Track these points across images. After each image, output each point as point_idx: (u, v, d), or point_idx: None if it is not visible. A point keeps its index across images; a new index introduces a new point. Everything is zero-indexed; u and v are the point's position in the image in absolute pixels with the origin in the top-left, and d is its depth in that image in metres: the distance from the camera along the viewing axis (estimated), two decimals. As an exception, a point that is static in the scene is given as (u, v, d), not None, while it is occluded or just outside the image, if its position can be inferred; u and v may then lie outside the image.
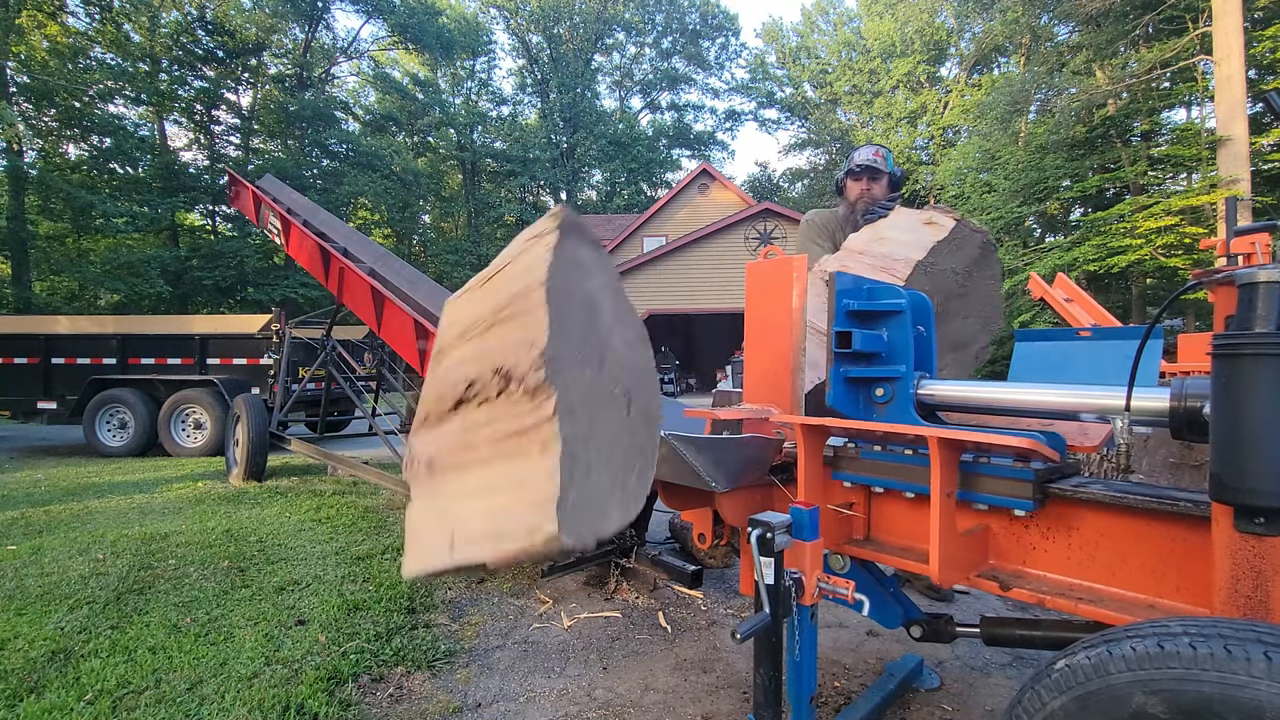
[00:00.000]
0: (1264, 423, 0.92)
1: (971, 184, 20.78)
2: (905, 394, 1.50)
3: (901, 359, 1.51)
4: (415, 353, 3.82)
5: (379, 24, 30.53)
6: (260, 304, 21.76)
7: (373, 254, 5.23)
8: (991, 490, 1.37)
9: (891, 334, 1.54)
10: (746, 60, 41.56)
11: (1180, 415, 1.18)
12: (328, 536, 3.79)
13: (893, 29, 31.57)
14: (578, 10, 37.05)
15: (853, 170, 2.81)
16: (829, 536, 1.56)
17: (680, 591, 2.99)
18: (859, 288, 1.58)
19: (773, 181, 41.15)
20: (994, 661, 2.32)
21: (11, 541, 3.71)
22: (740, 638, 1.24)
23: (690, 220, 21.36)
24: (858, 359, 1.56)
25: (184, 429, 7.17)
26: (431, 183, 32.02)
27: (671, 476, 1.52)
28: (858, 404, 1.58)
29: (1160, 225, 14.64)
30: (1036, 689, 0.97)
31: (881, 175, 2.80)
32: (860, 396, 1.59)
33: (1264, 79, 15.36)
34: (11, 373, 7.43)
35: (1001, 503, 1.36)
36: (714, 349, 21.55)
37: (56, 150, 20.86)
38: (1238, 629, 0.84)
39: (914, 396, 1.51)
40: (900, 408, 1.51)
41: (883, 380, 1.54)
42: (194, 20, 23.25)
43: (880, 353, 1.55)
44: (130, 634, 2.44)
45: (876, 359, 1.56)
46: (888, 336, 1.54)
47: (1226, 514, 1.01)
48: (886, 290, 1.58)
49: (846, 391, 1.55)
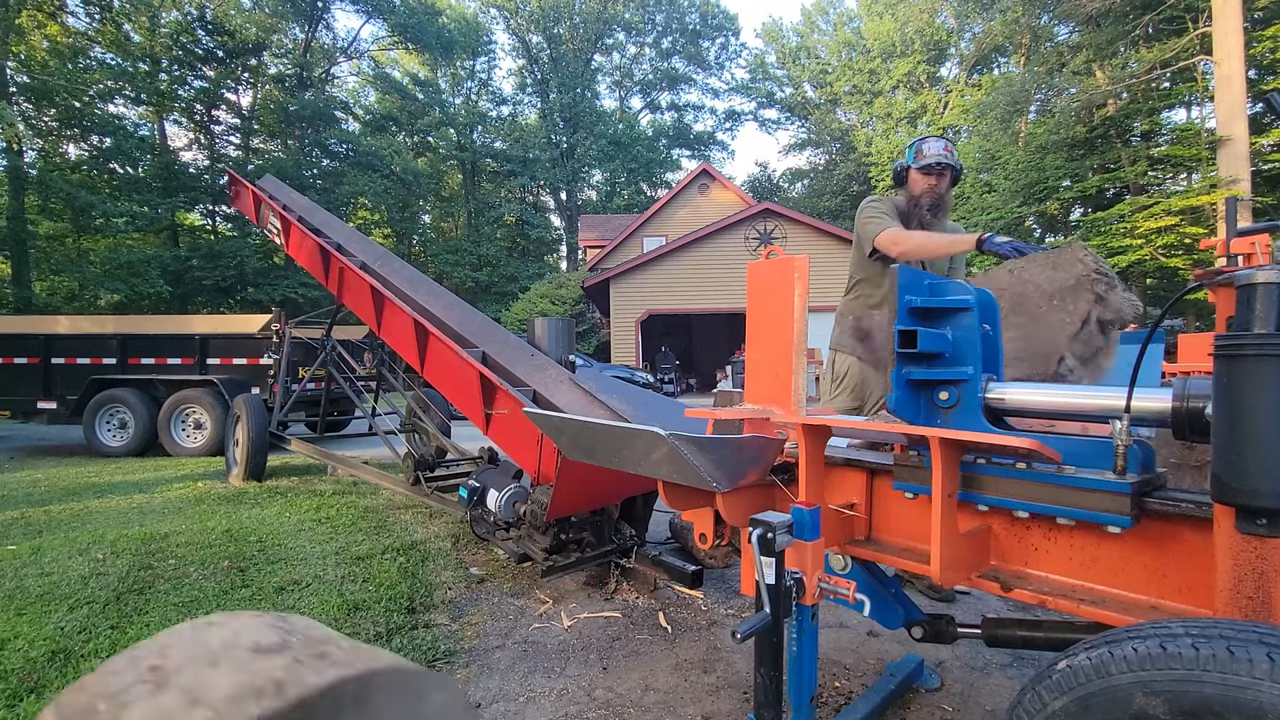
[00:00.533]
0: (1265, 423, 0.92)
1: (971, 184, 20.79)
2: (973, 398, 1.40)
3: (968, 360, 1.41)
4: (415, 353, 3.82)
5: (379, 24, 30.56)
6: (260, 304, 21.78)
7: (373, 254, 5.23)
8: (1078, 504, 1.25)
9: (957, 333, 1.43)
10: (746, 60, 41.66)
11: (1182, 416, 1.18)
12: (328, 536, 3.79)
13: (893, 29, 31.58)
14: (578, 10, 37.06)
15: (927, 166, 2.65)
16: (830, 536, 1.56)
17: (680, 591, 2.99)
18: (921, 282, 1.47)
19: (773, 181, 41.20)
20: (994, 662, 2.32)
21: (11, 541, 3.71)
22: (741, 638, 1.24)
23: (690, 220, 21.38)
24: (919, 360, 1.45)
25: (184, 429, 7.16)
26: (431, 183, 32.05)
27: (672, 476, 1.52)
28: (918, 409, 1.47)
29: (1160, 225, 14.65)
30: (1037, 690, 0.97)
31: (948, 170, 2.67)
32: (922, 401, 1.48)
33: (1264, 79, 15.37)
34: (11, 373, 7.43)
35: (1090, 517, 1.24)
36: (714, 349, 21.56)
37: (56, 150, 20.88)
38: (1239, 630, 0.84)
39: (982, 400, 1.41)
40: (967, 413, 1.40)
41: (947, 383, 1.43)
42: (194, 20, 23.26)
43: (944, 353, 1.44)
44: (130, 634, 2.43)
45: (940, 360, 1.45)
46: (953, 335, 1.43)
47: (1228, 515, 1.01)
48: (951, 285, 1.48)
49: (909, 395, 1.45)
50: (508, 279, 30.26)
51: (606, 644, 2.49)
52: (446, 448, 4.90)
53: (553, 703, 2.07)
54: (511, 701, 2.07)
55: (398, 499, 4.77)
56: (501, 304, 25.89)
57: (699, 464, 1.37)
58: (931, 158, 2.66)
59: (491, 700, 2.08)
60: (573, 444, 1.75)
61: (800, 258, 1.75)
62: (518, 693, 2.13)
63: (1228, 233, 4.77)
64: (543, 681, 2.20)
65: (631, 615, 2.76)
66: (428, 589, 3.01)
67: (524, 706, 2.05)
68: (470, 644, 2.49)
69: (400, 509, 4.53)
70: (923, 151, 2.70)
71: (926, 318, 1.46)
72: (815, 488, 1.55)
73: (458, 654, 2.40)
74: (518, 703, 2.07)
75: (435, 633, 2.56)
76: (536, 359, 3.89)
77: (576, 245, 29.22)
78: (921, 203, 2.69)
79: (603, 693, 2.13)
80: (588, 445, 1.66)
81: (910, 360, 1.45)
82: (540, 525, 2.84)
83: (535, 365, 3.84)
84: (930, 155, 2.67)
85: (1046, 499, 1.30)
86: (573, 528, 2.97)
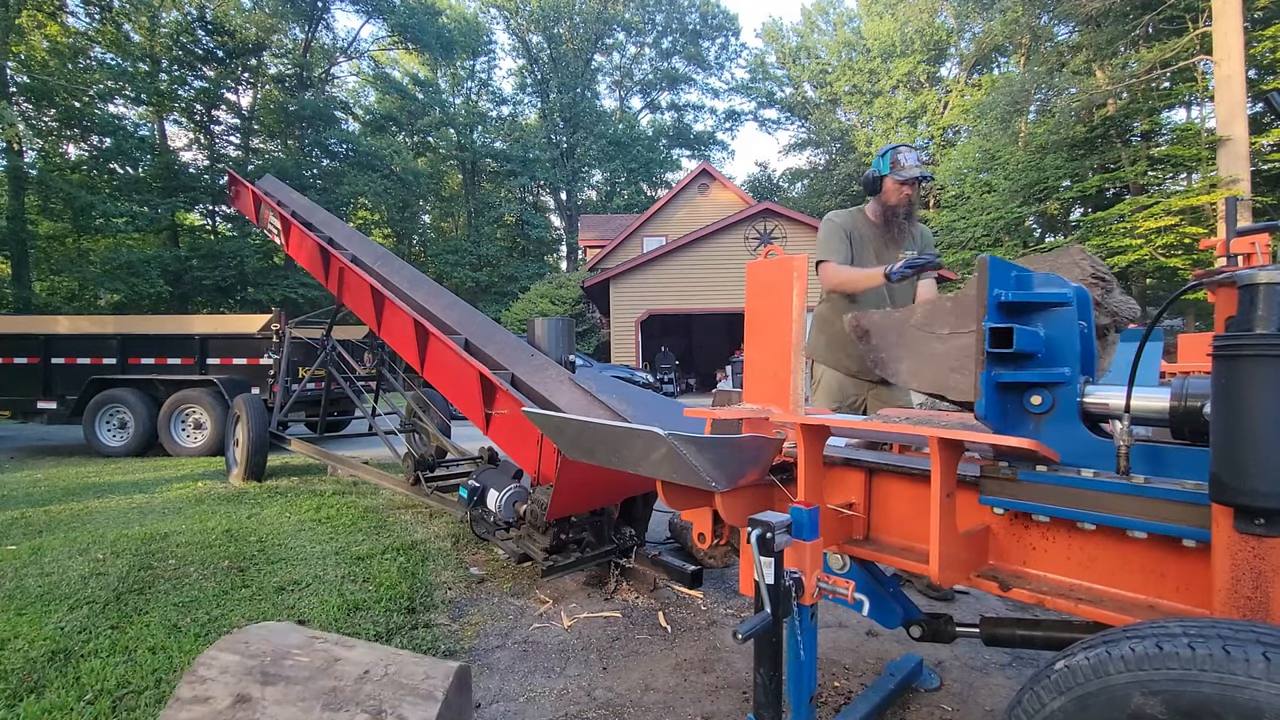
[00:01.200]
0: (1264, 424, 0.92)
1: (971, 184, 20.81)
2: (1070, 402, 1.28)
3: (1065, 360, 1.29)
4: (415, 353, 3.82)
5: (379, 24, 30.55)
6: (260, 304, 21.79)
7: (373, 254, 5.23)
8: (1152, 516, 1.16)
9: (1051, 330, 1.31)
10: (746, 60, 41.65)
11: (1181, 416, 1.18)
12: (328, 536, 3.79)
13: (893, 29, 31.58)
14: (578, 10, 37.05)
15: (907, 179, 2.66)
16: (829, 536, 1.56)
17: (680, 591, 2.99)
18: (1008, 274, 1.35)
19: (773, 181, 41.17)
20: (993, 661, 2.32)
21: (11, 541, 3.71)
22: (742, 638, 1.24)
23: (690, 220, 21.38)
24: (1008, 361, 1.33)
25: (184, 429, 7.17)
26: (431, 183, 32.04)
27: (671, 476, 1.51)
28: (1005, 414, 1.35)
29: (1160, 225, 14.66)
30: (1036, 690, 0.98)
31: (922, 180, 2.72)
32: (1010, 406, 1.35)
33: (1264, 79, 15.36)
34: (11, 373, 7.43)
35: (1169, 531, 1.13)
36: (714, 349, 21.56)
37: (56, 150, 20.88)
38: (1237, 629, 0.84)
39: (1080, 405, 1.29)
40: (1064, 418, 1.29)
41: (1040, 386, 1.32)
42: (194, 20, 23.26)
43: (1037, 353, 1.32)
44: (130, 634, 2.44)
45: (1033, 360, 1.33)
46: (1046, 333, 1.32)
47: (1226, 515, 1.01)
48: (1043, 277, 1.36)
49: (997, 400, 1.32)
50: (508, 279, 30.27)
51: (606, 644, 2.49)
52: (446, 448, 4.90)
53: (553, 703, 2.07)
54: (511, 701, 2.08)
55: (398, 499, 4.78)
56: (501, 304, 25.90)
57: (698, 464, 1.37)
58: (912, 171, 2.66)
59: (491, 700, 2.08)
60: (573, 444, 1.75)
61: (799, 257, 1.75)
62: (518, 692, 2.13)
63: (1227, 232, 4.77)
64: (543, 681, 2.21)
65: (631, 615, 2.76)
66: (428, 589, 3.01)
67: (524, 706, 2.05)
68: (470, 644, 2.49)
69: (400, 509, 4.54)
70: (900, 163, 2.68)
71: (1016, 313, 1.34)
72: (814, 487, 1.55)
73: (458, 654, 2.40)
74: (518, 703, 2.07)
75: (435, 633, 2.56)
76: (536, 359, 3.90)
77: (576, 245, 29.23)
78: (898, 211, 2.74)
79: (603, 692, 2.13)
80: (587, 445, 1.66)
81: (1000, 362, 1.32)
82: (540, 525, 2.84)
83: (535, 365, 3.85)
84: (909, 169, 2.66)
85: (1115, 510, 1.18)
86: (573, 528, 2.97)
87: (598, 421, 1.56)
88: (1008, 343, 1.27)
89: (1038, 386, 1.32)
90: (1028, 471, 1.30)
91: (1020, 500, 1.30)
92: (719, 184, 23.30)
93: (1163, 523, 1.14)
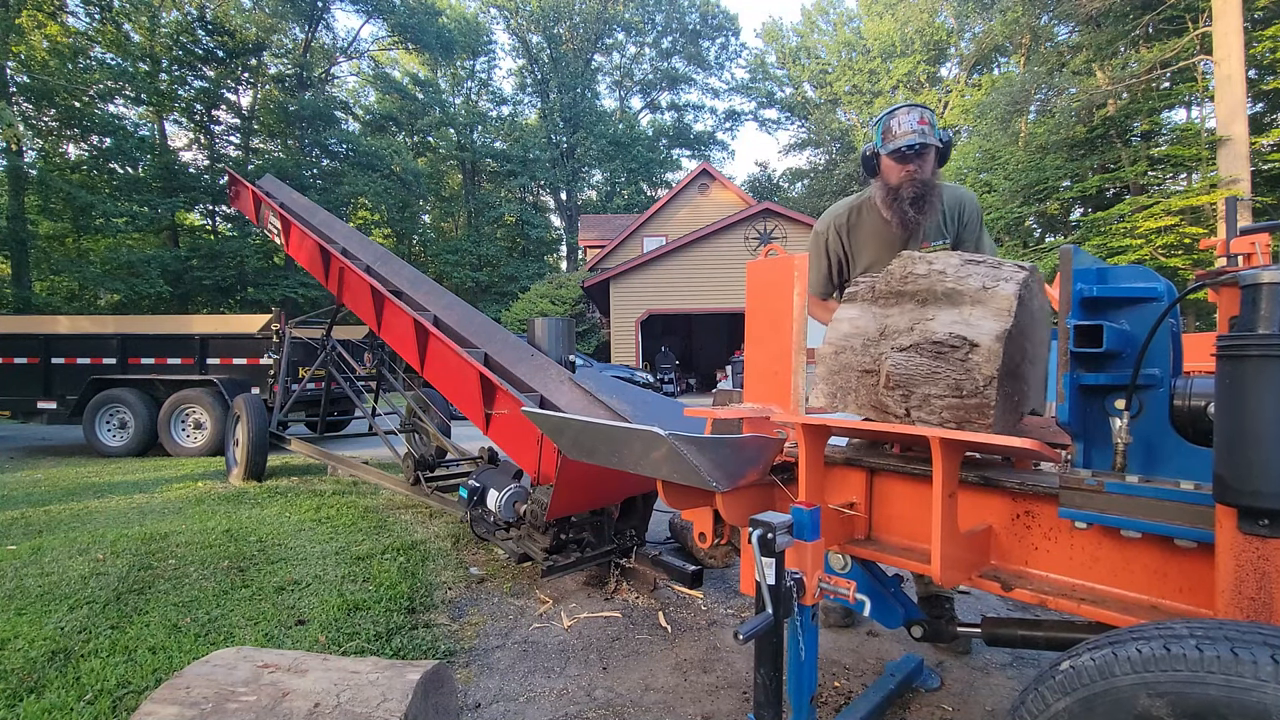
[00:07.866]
0: (1268, 424, 0.92)
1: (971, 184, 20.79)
2: (1161, 406, 1.18)
3: (1156, 360, 1.18)
4: (415, 352, 3.82)
5: (379, 24, 30.56)
6: (260, 304, 21.81)
7: (373, 254, 5.22)
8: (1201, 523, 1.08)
9: (1138, 328, 1.20)
10: (746, 60, 41.70)
11: (1184, 416, 1.18)
12: (328, 536, 3.79)
13: (893, 29, 31.60)
14: (578, 10, 37.05)
15: (899, 152, 2.03)
16: (830, 536, 1.55)
17: (680, 591, 2.99)
18: (1091, 267, 1.25)
19: (773, 181, 41.18)
20: (994, 661, 2.32)
21: (11, 541, 3.70)
22: (744, 639, 1.24)
23: (690, 220, 21.38)
24: (1093, 362, 1.23)
25: (184, 429, 7.16)
26: (431, 183, 32.03)
27: (671, 476, 1.51)
28: (1087, 420, 1.25)
29: (1160, 225, 14.64)
30: (1040, 690, 0.97)
31: (929, 149, 2.05)
32: (1094, 410, 1.24)
33: (1264, 79, 15.36)
34: (11, 373, 7.42)
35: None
36: (714, 349, 21.57)
37: (56, 150, 20.88)
38: (1244, 631, 0.84)
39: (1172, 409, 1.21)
40: (1154, 423, 1.19)
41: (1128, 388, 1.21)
42: (194, 20, 23.26)
43: (1124, 352, 1.22)
44: (130, 634, 2.43)
45: (1119, 360, 1.23)
46: (1133, 331, 1.22)
47: (1230, 516, 1.01)
48: (1128, 271, 1.25)
49: (1080, 404, 1.23)
50: (508, 279, 30.27)
51: (606, 644, 2.49)
52: (446, 448, 4.89)
53: (553, 703, 2.07)
54: (511, 701, 2.07)
55: (398, 499, 4.77)
56: (501, 304, 25.90)
57: (698, 463, 1.36)
58: (902, 139, 2.00)
59: (491, 700, 2.08)
60: (573, 444, 1.74)
61: (800, 257, 1.74)
62: (518, 693, 2.13)
63: (1228, 232, 4.76)
64: (543, 681, 2.20)
65: (631, 615, 2.76)
66: (428, 589, 3.00)
67: (524, 706, 2.04)
68: (470, 644, 2.49)
69: (400, 509, 4.53)
70: (891, 130, 2.04)
71: (1100, 309, 1.24)
72: (815, 487, 1.54)
73: (458, 654, 2.40)
74: (518, 703, 2.06)
75: (435, 632, 2.55)
76: (536, 359, 3.89)
77: (576, 245, 29.23)
78: (902, 195, 2.08)
79: (603, 692, 2.13)
80: (588, 445, 1.66)
81: (1084, 362, 1.22)
82: (540, 525, 2.84)
83: (535, 365, 3.84)
84: (900, 135, 2.01)
85: (1164, 517, 1.10)
86: (573, 528, 2.97)
87: (598, 421, 1.55)
88: (1097, 342, 1.17)
89: (1122, 389, 1.20)
90: (1117, 483, 1.16)
91: (1109, 514, 1.16)
92: (719, 184, 23.30)
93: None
